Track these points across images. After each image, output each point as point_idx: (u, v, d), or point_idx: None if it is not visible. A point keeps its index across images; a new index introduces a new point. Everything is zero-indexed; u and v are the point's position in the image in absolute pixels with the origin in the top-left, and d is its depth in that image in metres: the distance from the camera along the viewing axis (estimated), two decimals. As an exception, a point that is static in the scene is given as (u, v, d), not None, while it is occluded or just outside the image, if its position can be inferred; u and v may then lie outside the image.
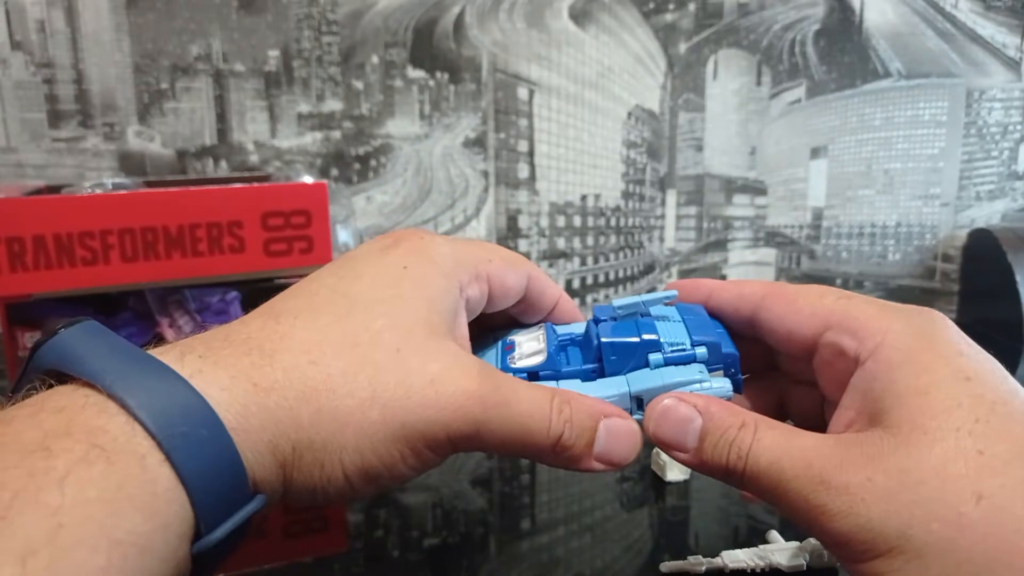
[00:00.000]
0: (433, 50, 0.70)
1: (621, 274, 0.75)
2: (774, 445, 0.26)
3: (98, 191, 0.57)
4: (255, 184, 0.57)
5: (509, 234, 0.73)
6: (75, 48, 0.69)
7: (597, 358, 0.29)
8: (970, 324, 0.73)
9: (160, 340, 0.58)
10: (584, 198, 0.73)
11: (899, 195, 0.73)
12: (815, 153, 0.73)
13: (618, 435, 0.28)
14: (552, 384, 0.28)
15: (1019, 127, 0.72)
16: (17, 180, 0.70)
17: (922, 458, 0.24)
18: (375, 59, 0.70)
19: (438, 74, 0.70)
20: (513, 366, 0.29)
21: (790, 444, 0.26)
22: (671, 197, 0.73)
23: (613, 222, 0.73)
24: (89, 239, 0.51)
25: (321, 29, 0.69)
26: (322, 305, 0.28)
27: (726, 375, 0.29)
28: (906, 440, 0.25)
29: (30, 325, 0.56)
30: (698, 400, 0.28)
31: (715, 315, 0.31)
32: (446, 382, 0.26)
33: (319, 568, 0.36)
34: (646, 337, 0.29)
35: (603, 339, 0.29)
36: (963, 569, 0.23)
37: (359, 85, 0.70)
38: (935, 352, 0.26)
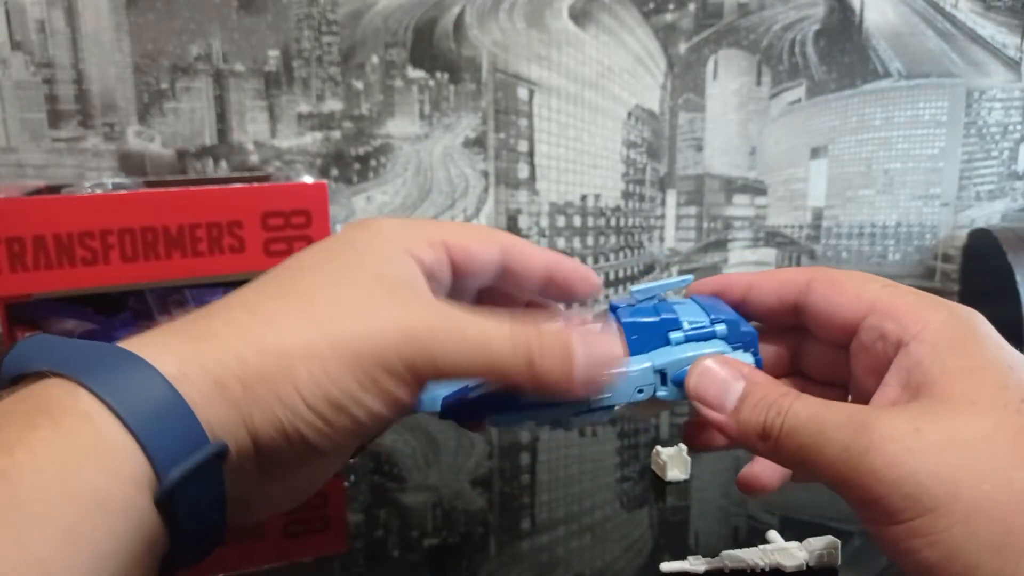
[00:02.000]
0: (433, 50, 0.70)
1: (621, 274, 0.75)
2: (815, 403, 0.26)
3: (98, 191, 0.57)
4: (255, 184, 0.57)
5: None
6: (75, 48, 0.69)
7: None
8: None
9: (160, 340, 0.58)
10: (584, 198, 0.73)
11: (899, 195, 0.73)
12: (815, 153, 0.73)
13: (592, 336, 0.27)
14: None
15: (1019, 127, 0.72)
16: (17, 180, 0.70)
17: (972, 423, 0.23)
18: (375, 59, 0.70)
19: (438, 74, 0.70)
20: None
21: (830, 404, 0.25)
22: (671, 197, 0.73)
23: (613, 222, 0.73)
24: (89, 239, 0.51)
25: (321, 29, 0.69)
26: (266, 279, 0.28)
27: (747, 350, 0.29)
28: (956, 407, 0.24)
29: (30, 325, 0.56)
30: (743, 367, 0.28)
31: (755, 306, 0.32)
32: (394, 312, 0.26)
33: (319, 568, 0.36)
34: (666, 316, 0.29)
35: (623, 320, 0.29)
36: (1011, 537, 0.22)
37: (359, 85, 0.70)
38: (979, 341, 0.26)
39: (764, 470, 0.31)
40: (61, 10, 0.68)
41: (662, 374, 0.29)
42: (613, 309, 0.30)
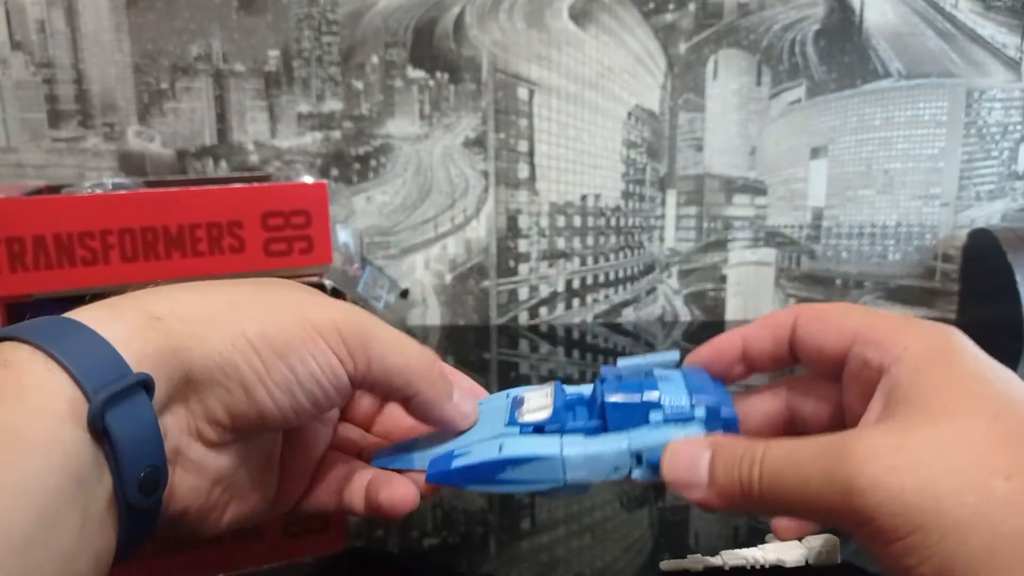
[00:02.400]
0: (433, 50, 0.70)
1: (621, 274, 0.75)
2: (788, 444, 0.26)
3: (98, 191, 0.57)
4: (255, 184, 0.57)
5: (509, 234, 0.73)
6: (75, 48, 0.69)
7: (601, 416, 0.30)
8: (970, 324, 0.73)
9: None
10: (584, 198, 0.73)
11: (899, 195, 0.73)
12: (815, 153, 0.73)
13: (463, 392, 0.33)
14: (557, 439, 0.30)
15: (1019, 127, 0.72)
16: (17, 180, 0.70)
17: (951, 435, 0.23)
18: (375, 59, 0.70)
19: (438, 74, 0.70)
20: (520, 420, 0.31)
21: (802, 440, 0.26)
22: (671, 197, 0.73)
23: (613, 222, 0.73)
24: (89, 239, 0.51)
25: (321, 29, 0.69)
26: (198, 283, 0.30)
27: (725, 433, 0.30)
28: (934, 419, 0.24)
29: (30, 325, 0.56)
30: (704, 438, 0.28)
31: (756, 358, 0.32)
32: (336, 304, 0.30)
33: (319, 568, 0.36)
34: (647, 396, 0.30)
35: (606, 398, 0.30)
36: (999, 544, 0.22)
37: (359, 85, 0.70)
38: (957, 357, 0.26)
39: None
40: (61, 10, 0.68)
41: (638, 455, 0.29)
42: (602, 380, 0.31)
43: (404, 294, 0.73)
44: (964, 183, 0.73)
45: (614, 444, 0.30)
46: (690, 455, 0.28)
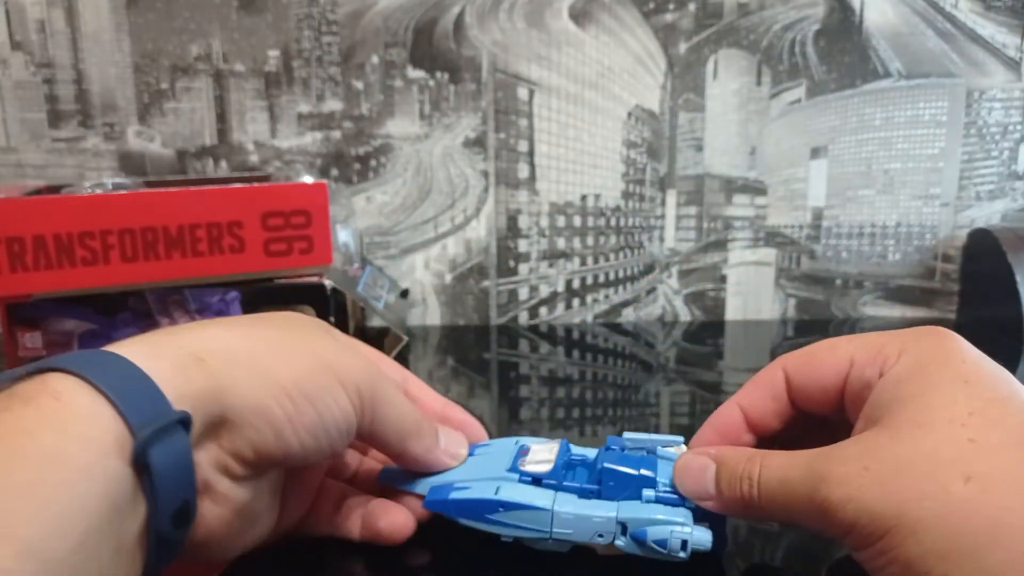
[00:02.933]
0: (433, 50, 0.70)
1: (621, 274, 0.75)
2: (780, 463, 0.29)
3: (98, 191, 0.57)
4: (255, 184, 0.57)
5: (509, 234, 0.73)
6: (75, 48, 0.69)
7: (597, 480, 0.33)
8: (970, 324, 0.73)
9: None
10: (584, 198, 0.73)
11: (899, 195, 0.73)
12: (815, 153, 0.73)
13: (452, 436, 0.36)
14: (552, 494, 0.33)
15: (1019, 127, 0.72)
16: (17, 180, 0.70)
17: (915, 446, 0.26)
18: (375, 59, 0.70)
19: (438, 74, 0.70)
20: (521, 468, 0.34)
21: (793, 459, 0.28)
22: (671, 197, 0.73)
23: (613, 222, 0.73)
24: (89, 239, 0.51)
25: (321, 29, 0.69)
26: (232, 320, 0.32)
27: (712, 527, 0.31)
28: (899, 433, 0.26)
29: (30, 325, 0.56)
30: (710, 450, 0.31)
31: (760, 424, 0.34)
32: (356, 355, 0.32)
33: (319, 568, 0.36)
34: (644, 473, 0.32)
35: (605, 464, 0.32)
36: (954, 543, 0.24)
37: (359, 85, 0.70)
38: (939, 363, 0.28)
39: None
40: (61, 10, 0.68)
41: (623, 525, 0.31)
42: (607, 448, 0.34)
43: (404, 294, 0.73)
44: (964, 183, 0.73)
45: (603, 510, 0.32)
46: (698, 469, 0.31)
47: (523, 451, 0.35)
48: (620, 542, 0.32)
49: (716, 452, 0.31)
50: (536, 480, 0.33)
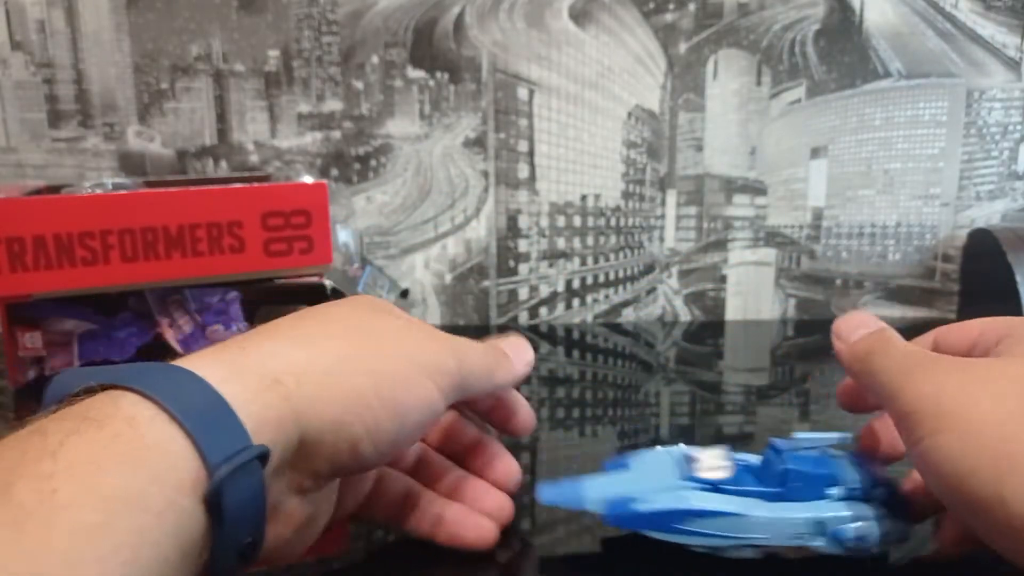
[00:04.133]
0: (433, 50, 0.70)
1: (621, 274, 0.75)
2: (901, 355, 0.32)
3: (98, 191, 0.57)
4: (255, 184, 0.57)
5: (509, 234, 0.73)
6: (75, 48, 0.69)
7: (781, 482, 0.32)
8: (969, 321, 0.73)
9: (160, 340, 0.58)
10: (584, 198, 0.73)
11: (899, 195, 0.73)
12: (815, 153, 0.73)
13: (511, 344, 0.37)
14: (739, 500, 0.32)
15: (1019, 127, 0.72)
16: (17, 180, 0.70)
17: (999, 365, 0.29)
18: (375, 59, 0.70)
19: (438, 74, 0.70)
20: (699, 476, 0.33)
21: (909, 359, 0.31)
22: (671, 197, 0.73)
23: (613, 222, 0.73)
24: (89, 239, 0.51)
25: (321, 29, 0.69)
26: (287, 318, 0.32)
27: (898, 518, 0.33)
28: (995, 359, 0.30)
29: (30, 325, 0.56)
30: (878, 321, 0.34)
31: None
32: (436, 337, 0.33)
33: (319, 568, 0.36)
34: (827, 472, 0.33)
35: (791, 466, 0.32)
36: (1006, 446, 0.25)
37: (359, 85, 0.70)
38: None
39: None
40: (61, 10, 0.68)
41: (821, 525, 0.32)
42: (774, 448, 0.34)
43: (404, 294, 0.73)
44: (964, 183, 0.73)
45: (798, 512, 0.32)
46: (864, 322, 0.34)
47: (689, 459, 0.35)
48: (818, 542, 0.32)
49: (883, 327, 0.34)
50: (715, 487, 0.33)
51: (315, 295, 0.57)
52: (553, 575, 0.35)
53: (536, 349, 0.69)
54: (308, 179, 0.57)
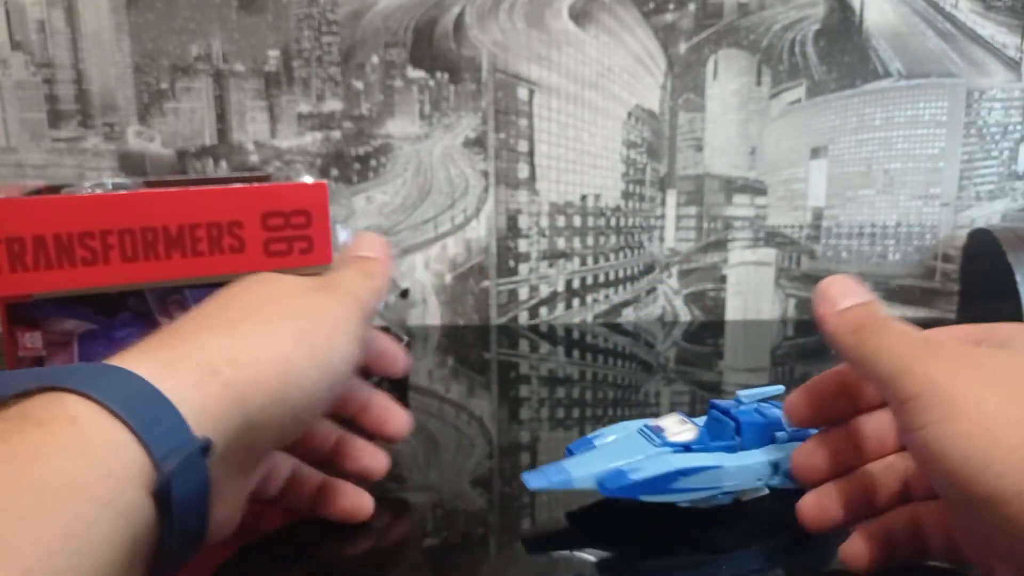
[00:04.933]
0: (433, 50, 0.70)
1: (621, 274, 0.75)
2: (896, 339, 0.30)
3: (98, 191, 0.57)
4: (255, 184, 0.57)
5: (509, 234, 0.73)
6: (75, 48, 0.69)
7: (735, 435, 0.37)
8: (970, 324, 0.73)
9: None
10: (584, 198, 0.73)
11: (899, 195, 0.73)
12: (815, 153, 0.73)
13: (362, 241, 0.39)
14: (710, 455, 0.37)
15: (1019, 127, 0.72)
16: (17, 180, 0.70)
17: (999, 357, 0.28)
18: (375, 59, 0.70)
19: (438, 74, 0.70)
20: (671, 440, 0.37)
21: (903, 346, 0.30)
22: (671, 197, 0.73)
23: (613, 222, 0.73)
24: (89, 239, 0.51)
25: (321, 29, 0.69)
26: (208, 303, 0.32)
27: None
28: (994, 350, 0.29)
29: (30, 325, 0.56)
30: (867, 291, 0.33)
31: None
32: (343, 296, 0.34)
33: (319, 568, 0.36)
34: (772, 419, 0.38)
35: (743, 420, 0.37)
36: (996, 435, 0.25)
37: (359, 85, 0.70)
38: None
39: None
40: (61, 10, 0.68)
41: (775, 465, 0.37)
42: (717, 407, 0.38)
43: (404, 294, 0.73)
44: (964, 183, 0.73)
45: (757, 457, 0.37)
46: (852, 288, 0.32)
47: (654, 429, 0.39)
48: (775, 481, 0.37)
49: (872, 299, 0.33)
50: (687, 447, 0.37)
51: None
52: (538, 543, 0.35)
53: (536, 349, 0.70)
54: (308, 179, 0.57)
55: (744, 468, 0.36)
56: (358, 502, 0.37)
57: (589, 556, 0.36)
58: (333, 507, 0.36)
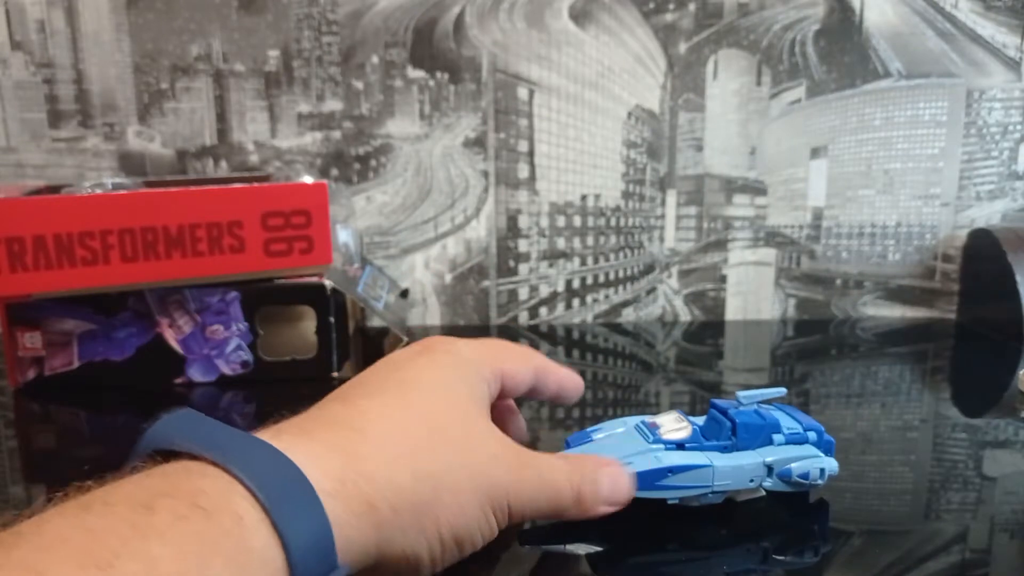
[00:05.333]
0: (433, 50, 0.70)
1: (621, 274, 0.75)
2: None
3: (98, 191, 0.57)
4: (255, 184, 0.57)
5: (509, 234, 0.73)
6: (75, 48, 0.69)
7: (731, 435, 0.37)
8: (970, 324, 0.73)
9: (160, 340, 0.58)
10: (584, 198, 0.73)
11: (899, 195, 0.73)
12: (815, 153, 0.73)
13: (616, 479, 0.35)
14: (702, 454, 0.37)
15: (1019, 127, 0.72)
16: (17, 180, 0.70)
17: None
18: (375, 59, 0.70)
19: (438, 74, 0.70)
20: (664, 438, 0.38)
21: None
22: (671, 197, 0.73)
23: (613, 222, 0.73)
24: (89, 239, 0.51)
25: (321, 29, 0.69)
26: (383, 385, 0.32)
27: (830, 455, 0.38)
28: None
29: (30, 325, 0.56)
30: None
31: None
32: (505, 455, 0.32)
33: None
34: (769, 422, 0.38)
35: (739, 420, 0.37)
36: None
37: (359, 85, 0.70)
38: None
39: None
40: (61, 10, 0.68)
41: (769, 467, 0.37)
42: (716, 407, 0.39)
43: (404, 294, 0.73)
44: (964, 183, 0.73)
45: (751, 458, 0.37)
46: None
47: (651, 425, 0.39)
48: (768, 483, 0.37)
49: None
50: (680, 445, 0.37)
51: (315, 295, 0.57)
52: (531, 538, 0.35)
53: (536, 349, 0.70)
54: (308, 179, 0.57)
55: (736, 468, 0.36)
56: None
57: (581, 550, 0.36)
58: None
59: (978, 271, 0.72)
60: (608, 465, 0.35)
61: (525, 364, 0.38)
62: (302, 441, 0.27)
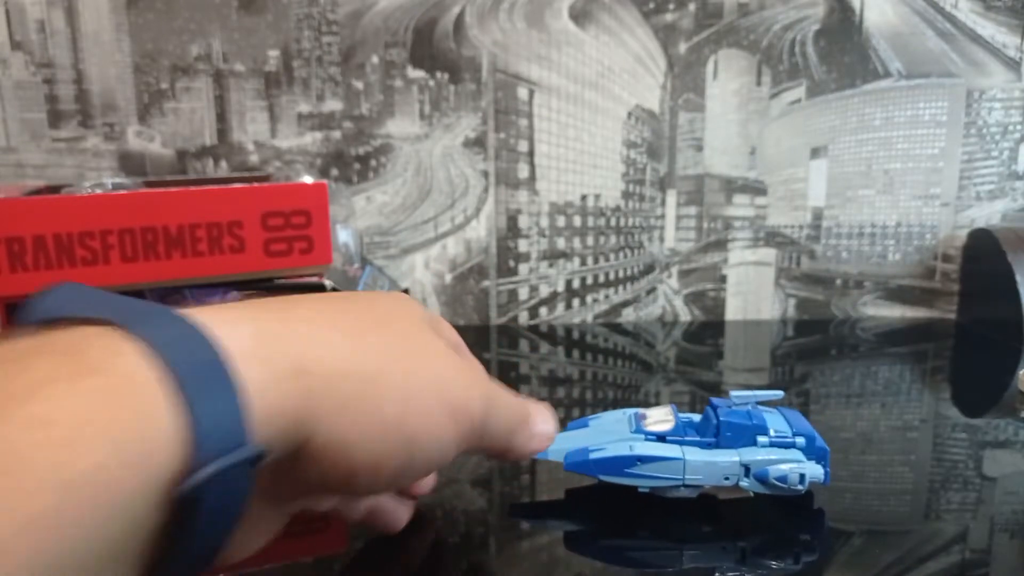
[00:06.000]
0: (433, 50, 0.70)
1: (621, 274, 0.75)
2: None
3: (98, 191, 0.57)
4: (255, 184, 0.57)
5: (509, 234, 0.73)
6: (75, 48, 0.69)
7: (715, 433, 0.37)
8: (970, 324, 0.73)
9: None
10: (584, 198, 0.73)
11: (899, 195, 0.73)
12: (815, 153, 0.73)
13: (542, 413, 0.33)
14: (679, 447, 0.37)
15: (1019, 127, 0.72)
16: (17, 180, 0.70)
17: None
18: (375, 59, 0.70)
19: (438, 74, 0.70)
20: (646, 429, 0.38)
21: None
22: (671, 197, 0.73)
23: (613, 222, 0.73)
24: (89, 239, 0.51)
25: (321, 29, 0.69)
26: (328, 297, 0.28)
27: (817, 463, 0.37)
28: None
29: (30, 325, 0.56)
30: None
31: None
32: (471, 364, 0.30)
33: (319, 568, 0.36)
34: (756, 422, 0.37)
35: (723, 419, 0.37)
36: None
37: (359, 85, 0.70)
38: None
39: None
40: (61, 10, 0.68)
41: (746, 468, 0.37)
42: (714, 407, 0.38)
43: (404, 294, 0.73)
44: (964, 183, 0.73)
45: (728, 456, 0.37)
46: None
47: (639, 416, 0.40)
48: (745, 483, 0.37)
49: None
50: (661, 437, 0.38)
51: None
52: (521, 515, 0.36)
53: (536, 349, 0.70)
54: (308, 179, 0.57)
55: (709, 464, 0.37)
56: (400, 516, 0.35)
57: (569, 527, 0.37)
58: (375, 523, 0.34)
59: (978, 271, 0.72)
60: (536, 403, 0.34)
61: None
62: (212, 311, 0.22)
